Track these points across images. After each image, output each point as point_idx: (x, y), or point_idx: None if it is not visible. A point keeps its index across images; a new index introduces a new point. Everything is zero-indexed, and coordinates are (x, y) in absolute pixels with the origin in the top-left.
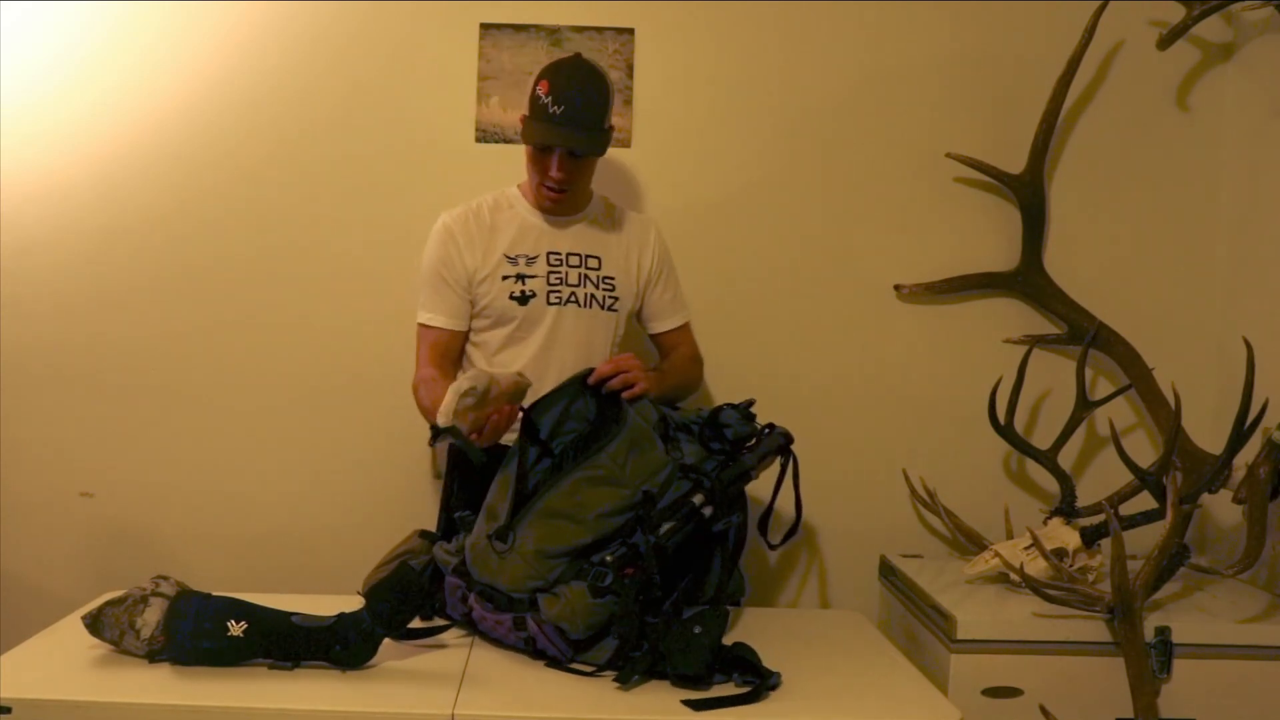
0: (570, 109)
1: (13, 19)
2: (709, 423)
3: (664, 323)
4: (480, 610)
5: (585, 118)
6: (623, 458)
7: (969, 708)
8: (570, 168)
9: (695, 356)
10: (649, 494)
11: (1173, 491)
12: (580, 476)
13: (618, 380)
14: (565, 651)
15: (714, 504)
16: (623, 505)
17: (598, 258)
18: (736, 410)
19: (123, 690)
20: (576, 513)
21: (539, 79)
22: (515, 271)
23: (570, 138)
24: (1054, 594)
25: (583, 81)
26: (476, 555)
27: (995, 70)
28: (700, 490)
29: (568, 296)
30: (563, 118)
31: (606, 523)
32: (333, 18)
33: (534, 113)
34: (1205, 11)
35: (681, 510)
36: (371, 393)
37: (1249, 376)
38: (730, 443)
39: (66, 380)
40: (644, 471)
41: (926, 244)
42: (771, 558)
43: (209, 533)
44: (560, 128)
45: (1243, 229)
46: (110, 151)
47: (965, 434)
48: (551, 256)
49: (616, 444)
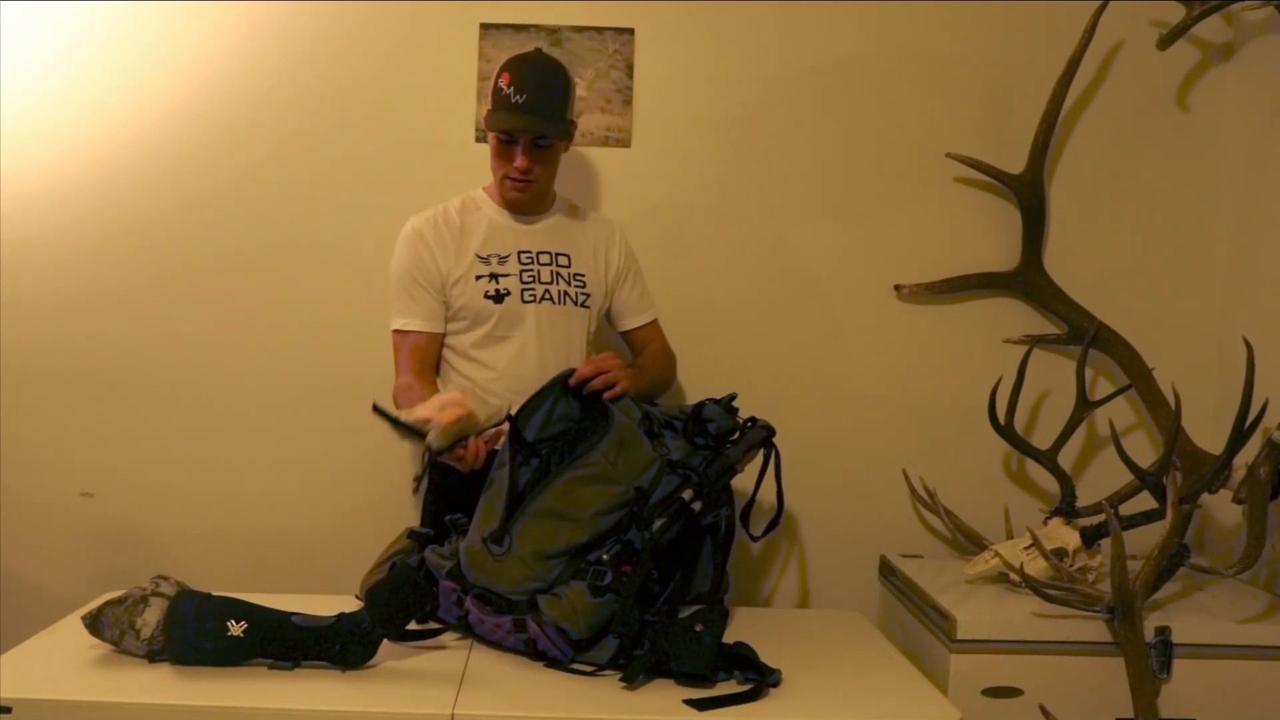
0: (531, 97)
1: (13, 19)
2: (692, 418)
3: (634, 319)
4: (478, 613)
5: (547, 106)
6: (613, 455)
7: (969, 708)
8: (535, 157)
9: (667, 351)
10: (641, 490)
11: (1173, 491)
12: (573, 475)
13: (599, 380)
14: (566, 652)
15: (702, 498)
16: (616, 502)
17: (567, 255)
18: (719, 405)
19: (123, 690)
20: (571, 512)
21: (500, 72)
22: (488, 271)
23: (532, 123)
24: (1054, 594)
25: (543, 72)
26: (472, 558)
27: (995, 70)
28: (689, 485)
29: (542, 294)
30: (525, 105)
31: (601, 520)
32: (333, 18)
33: (496, 103)
34: (1205, 11)
35: (672, 506)
36: (371, 393)
37: (1249, 376)
38: (714, 437)
39: (66, 380)
40: (634, 468)
41: (926, 244)
42: (756, 548)
43: (209, 533)
44: (523, 113)
45: (1243, 229)
46: (110, 151)
47: (965, 434)
48: (523, 255)
49: (606, 442)
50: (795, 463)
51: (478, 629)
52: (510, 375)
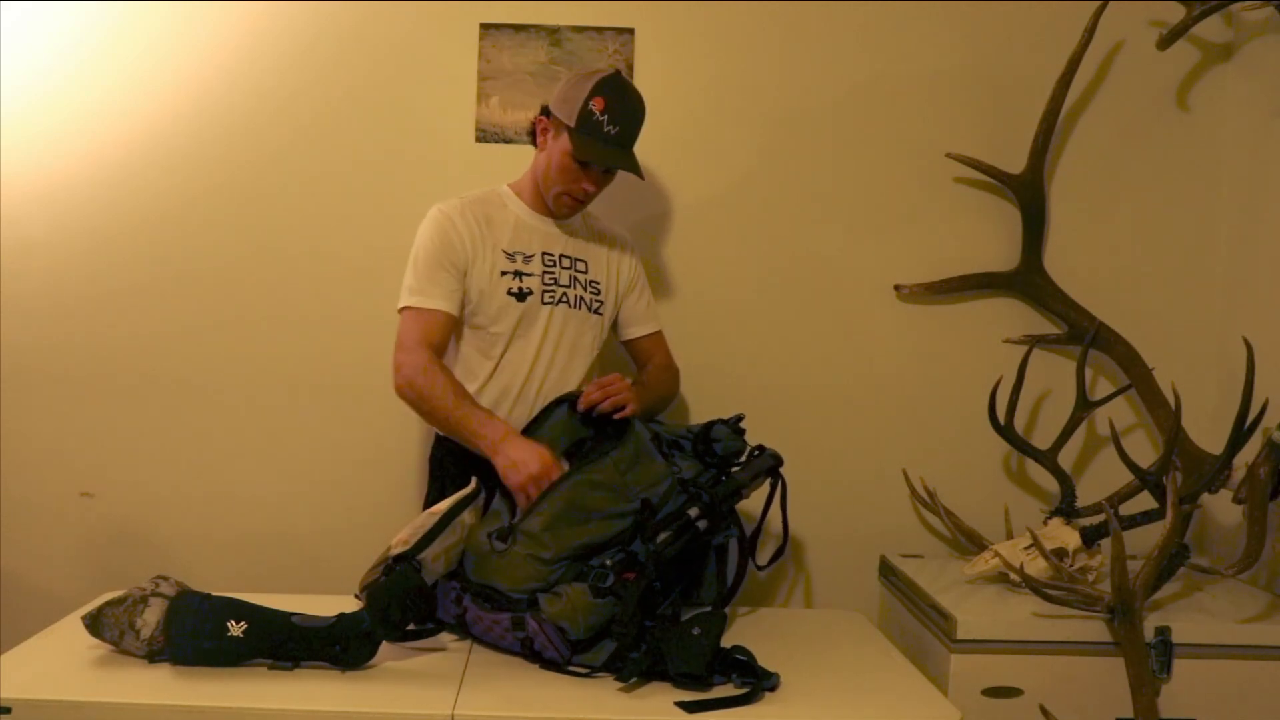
0: (624, 131)
1: (13, 19)
2: (700, 438)
3: (640, 328)
4: (476, 610)
5: (631, 139)
6: (625, 465)
7: (969, 708)
8: (602, 183)
9: (671, 365)
10: (648, 502)
11: (1173, 491)
12: (581, 479)
13: (607, 403)
14: (563, 652)
15: (709, 518)
16: (622, 511)
17: (585, 261)
18: (727, 425)
19: (123, 690)
20: (577, 516)
21: (592, 94)
22: (514, 268)
23: (627, 159)
24: (1054, 594)
25: (635, 104)
26: (476, 556)
27: (995, 70)
28: (696, 503)
29: (560, 297)
30: (618, 138)
31: (607, 526)
32: (333, 18)
33: (586, 128)
34: (1205, 11)
35: (678, 522)
36: (372, 393)
37: (1249, 376)
38: (719, 458)
39: (66, 380)
40: (645, 480)
41: (926, 244)
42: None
43: (209, 533)
44: (618, 149)
45: (1243, 229)
46: (110, 151)
47: (965, 434)
48: (545, 257)
49: (620, 451)
50: (796, 463)
51: (474, 628)
52: (514, 374)
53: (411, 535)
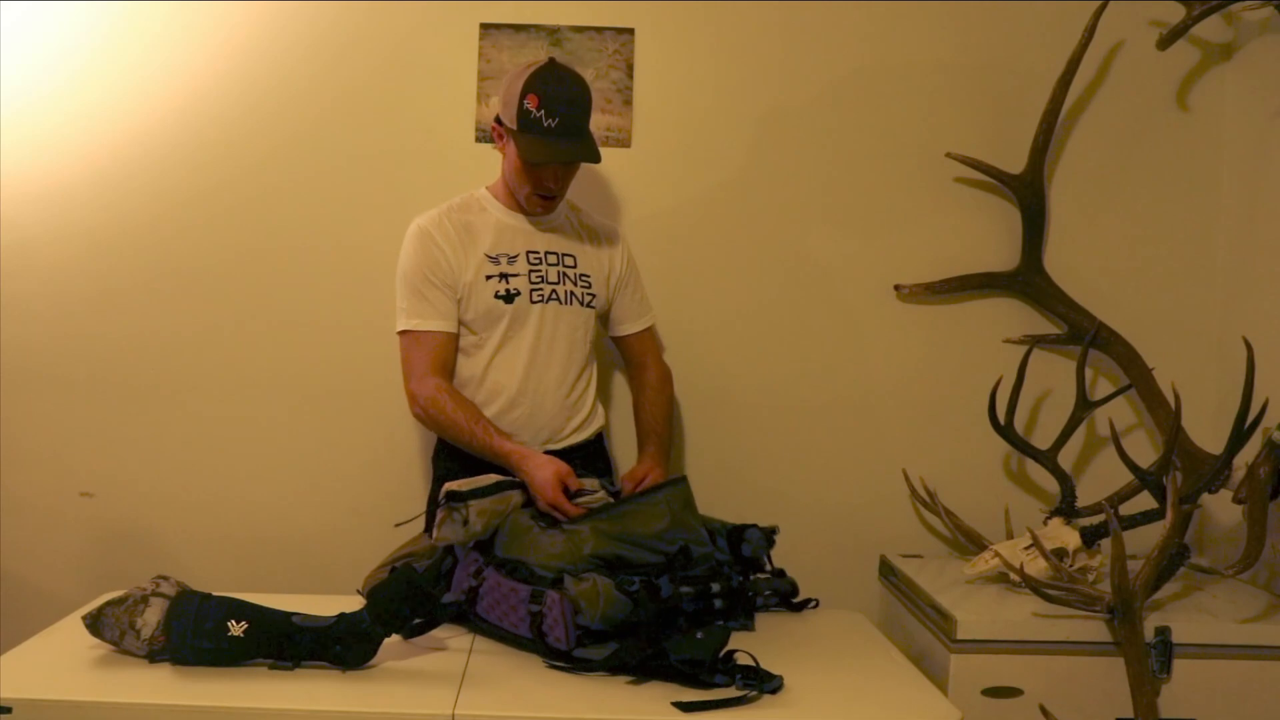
0: (564, 120)
1: (13, 19)
2: (733, 533)
3: (633, 324)
4: (495, 578)
5: (578, 128)
6: (678, 505)
7: (969, 708)
8: (564, 176)
9: (664, 377)
10: (686, 549)
11: (1173, 491)
12: (630, 509)
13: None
14: (571, 635)
15: (727, 601)
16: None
17: (573, 255)
18: (760, 533)
19: (123, 690)
20: (622, 534)
21: (525, 92)
22: (498, 271)
23: (571, 151)
24: (1054, 594)
25: (570, 90)
26: (510, 534)
27: (995, 70)
28: (719, 579)
29: (549, 294)
30: (558, 129)
31: (644, 553)
32: (333, 18)
33: (524, 126)
34: (1205, 11)
35: (700, 585)
36: (372, 393)
37: (1249, 376)
38: (744, 560)
39: (66, 380)
40: (688, 531)
41: (926, 244)
42: None
43: (209, 533)
44: (559, 141)
45: (1243, 229)
46: (110, 151)
47: (965, 434)
48: (531, 255)
49: (673, 491)
50: (796, 462)
51: (482, 602)
52: (509, 374)
53: (469, 484)
